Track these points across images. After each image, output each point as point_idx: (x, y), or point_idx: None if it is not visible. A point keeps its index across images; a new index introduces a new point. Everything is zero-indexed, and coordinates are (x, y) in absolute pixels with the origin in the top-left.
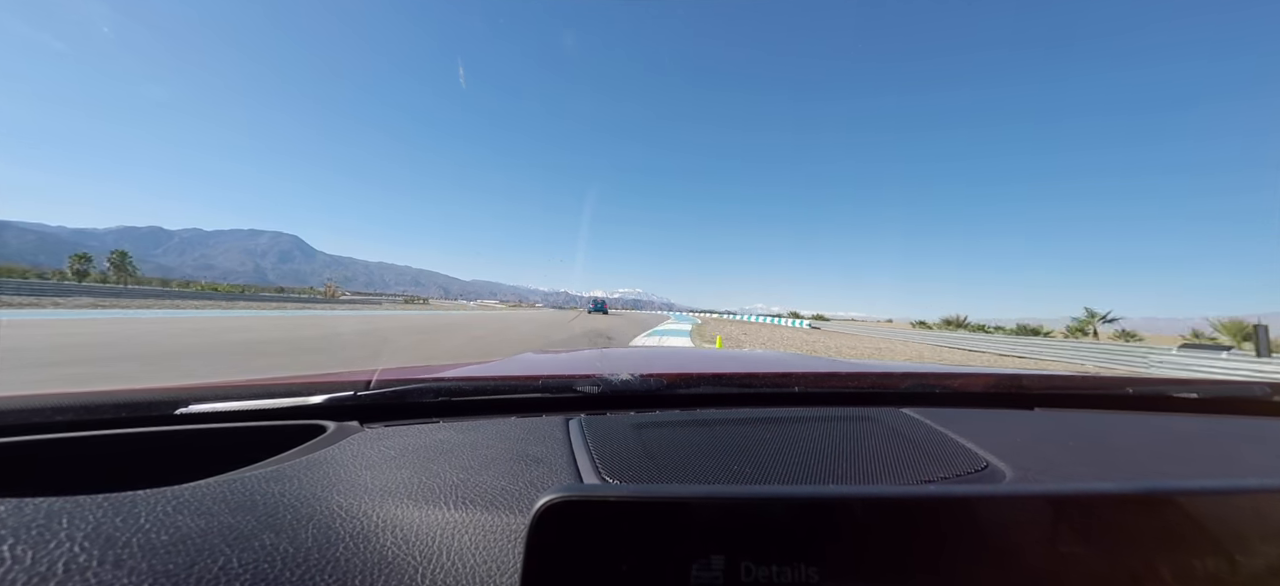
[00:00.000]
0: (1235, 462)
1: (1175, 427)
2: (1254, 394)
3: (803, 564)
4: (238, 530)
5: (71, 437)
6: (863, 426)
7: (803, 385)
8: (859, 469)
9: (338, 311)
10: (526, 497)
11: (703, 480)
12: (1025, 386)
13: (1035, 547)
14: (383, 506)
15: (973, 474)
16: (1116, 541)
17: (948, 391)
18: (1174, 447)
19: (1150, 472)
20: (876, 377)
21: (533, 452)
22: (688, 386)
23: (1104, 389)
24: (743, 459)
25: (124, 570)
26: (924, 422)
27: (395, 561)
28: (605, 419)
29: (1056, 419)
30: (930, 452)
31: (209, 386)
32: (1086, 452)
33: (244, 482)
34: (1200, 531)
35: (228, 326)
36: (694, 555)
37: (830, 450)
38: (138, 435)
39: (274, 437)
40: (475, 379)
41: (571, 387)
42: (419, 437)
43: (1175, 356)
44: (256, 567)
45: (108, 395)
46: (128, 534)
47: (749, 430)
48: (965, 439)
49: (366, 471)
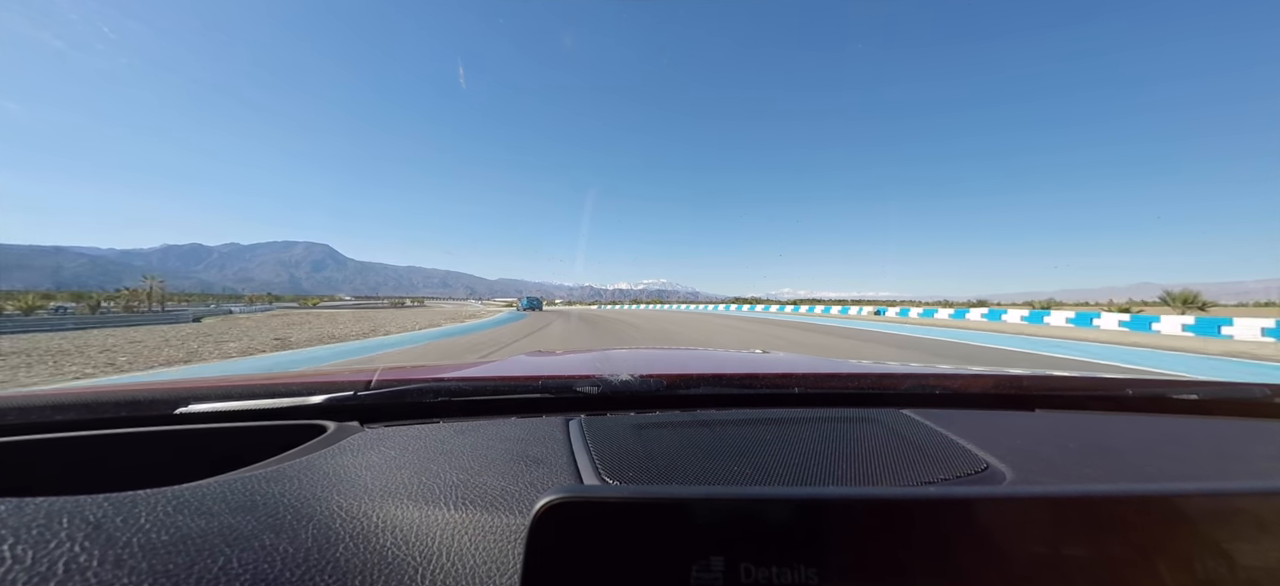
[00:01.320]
0: (1234, 464)
1: (1175, 429)
2: (1253, 395)
3: (802, 565)
4: (238, 530)
5: (71, 437)
6: (863, 427)
7: (803, 386)
8: (859, 470)
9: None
10: (526, 498)
11: (703, 481)
12: (1025, 387)
13: (1035, 549)
14: (383, 506)
15: (973, 475)
16: (1116, 543)
17: (948, 392)
18: (1174, 449)
19: (1150, 474)
20: (876, 378)
21: (533, 453)
22: (688, 387)
23: (1104, 390)
24: (743, 460)
25: (124, 570)
26: (924, 424)
27: (395, 561)
28: (605, 420)
29: (1057, 420)
30: (930, 454)
31: (209, 386)
32: (1086, 454)
33: (244, 482)
34: (1200, 533)
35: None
36: (694, 556)
37: (830, 451)
38: (138, 435)
39: (274, 437)
40: (475, 379)
41: (571, 388)
42: (419, 438)
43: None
44: (257, 568)
45: (108, 394)
46: (128, 534)
47: (749, 431)
48: (965, 440)
49: (367, 472)
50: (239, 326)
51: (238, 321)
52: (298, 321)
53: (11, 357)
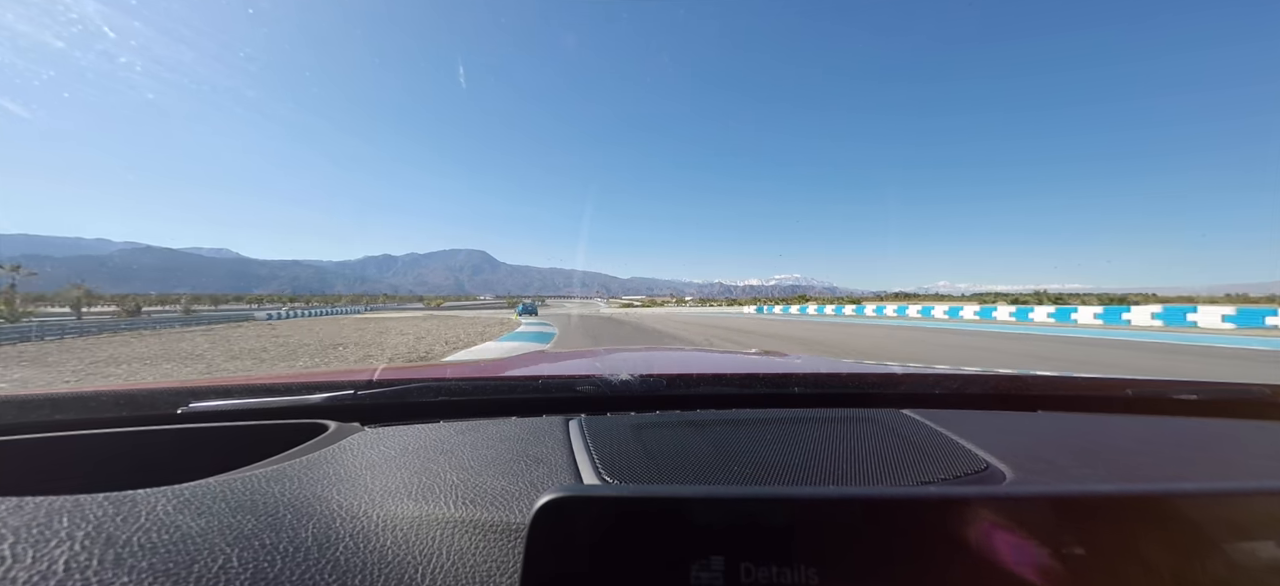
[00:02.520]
0: (1235, 464)
1: (1176, 429)
2: (1254, 395)
3: (802, 564)
4: (238, 529)
5: (72, 436)
6: (863, 427)
7: (802, 386)
8: (859, 470)
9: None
10: (527, 497)
11: (703, 480)
12: (1026, 388)
13: (1036, 549)
14: (383, 506)
15: (973, 475)
16: (1117, 543)
17: (948, 392)
18: (1174, 449)
19: (1150, 474)
20: (876, 378)
21: (533, 453)
22: (688, 387)
23: (1104, 391)
24: (743, 460)
25: (124, 569)
26: (924, 423)
27: (395, 561)
28: (605, 419)
29: (1057, 420)
30: (930, 453)
31: (210, 385)
32: (1087, 454)
33: (245, 482)
34: (1201, 533)
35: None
36: (694, 555)
37: (830, 451)
38: (139, 433)
39: (275, 437)
40: (476, 379)
41: (572, 388)
42: (419, 437)
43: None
44: (257, 567)
45: (109, 393)
46: (128, 533)
47: (749, 431)
48: (965, 440)
49: (367, 471)
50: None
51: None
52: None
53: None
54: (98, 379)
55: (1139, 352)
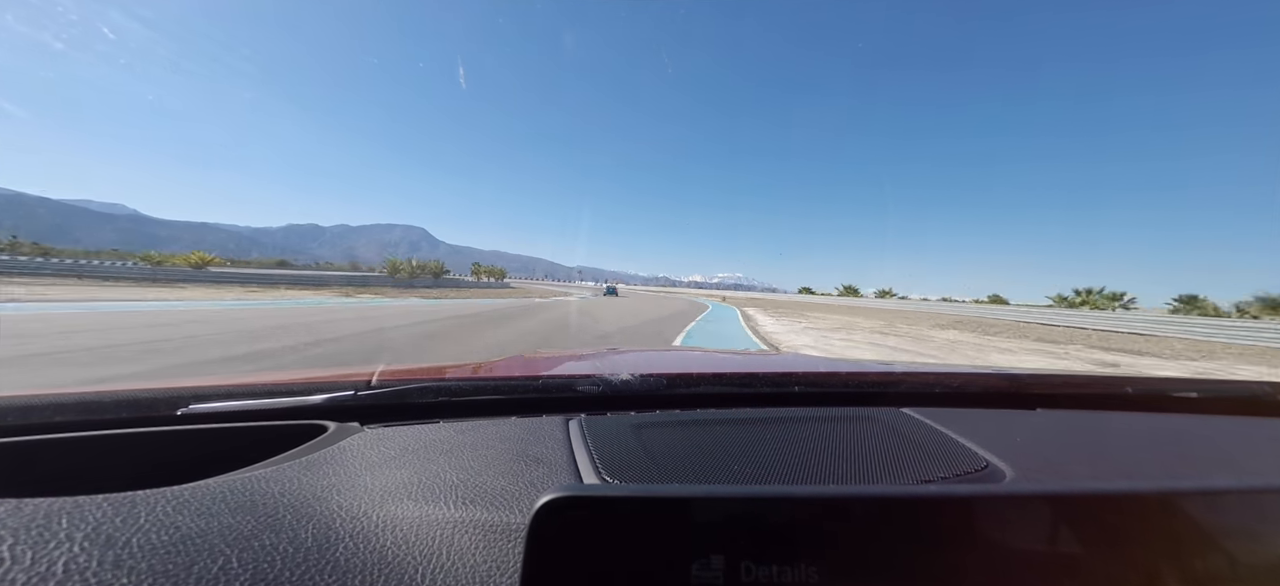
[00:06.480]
0: (1235, 462)
1: (1176, 427)
2: (1254, 393)
3: (803, 563)
4: (238, 530)
5: (72, 437)
6: (863, 426)
7: (803, 385)
8: (859, 469)
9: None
10: (527, 497)
11: (703, 480)
12: (1026, 386)
13: (1036, 547)
14: (383, 506)
15: (973, 473)
16: (1117, 541)
17: (948, 391)
18: (1175, 447)
19: (1151, 472)
20: (876, 377)
21: (533, 452)
22: (688, 386)
23: (1105, 389)
24: (743, 459)
25: (124, 570)
26: (924, 422)
27: (395, 561)
28: (605, 419)
29: (1057, 419)
30: (930, 452)
31: (210, 386)
32: (1087, 452)
33: (244, 483)
34: (1201, 531)
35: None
36: (694, 554)
37: (830, 450)
38: (138, 435)
39: (275, 437)
40: (475, 379)
41: (572, 388)
42: (419, 437)
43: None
44: (256, 568)
45: (108, 394)
46: (128, 534)
47: (749, 430)
48: (966, 438)
49: (367, 472)
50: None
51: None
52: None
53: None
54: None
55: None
